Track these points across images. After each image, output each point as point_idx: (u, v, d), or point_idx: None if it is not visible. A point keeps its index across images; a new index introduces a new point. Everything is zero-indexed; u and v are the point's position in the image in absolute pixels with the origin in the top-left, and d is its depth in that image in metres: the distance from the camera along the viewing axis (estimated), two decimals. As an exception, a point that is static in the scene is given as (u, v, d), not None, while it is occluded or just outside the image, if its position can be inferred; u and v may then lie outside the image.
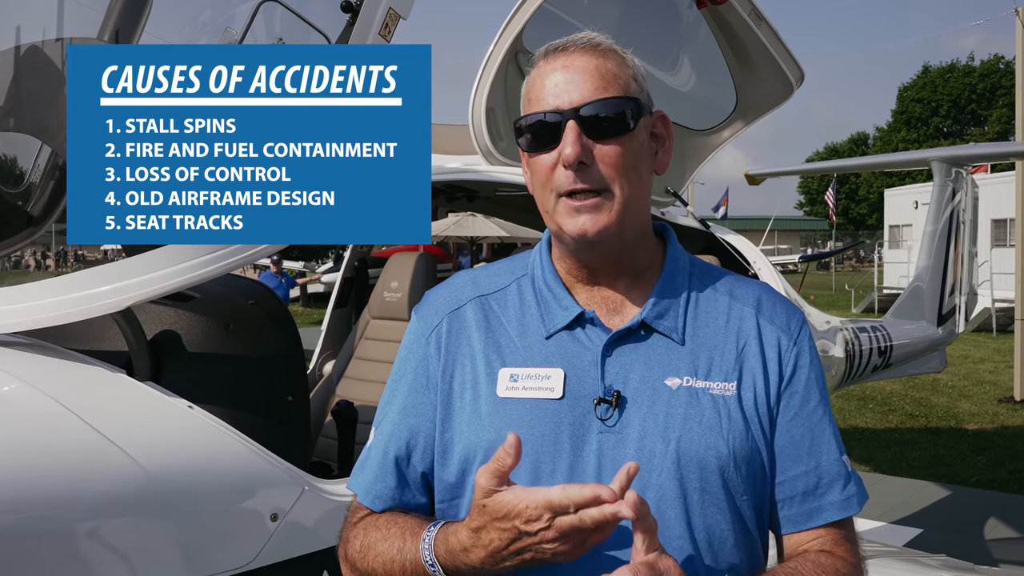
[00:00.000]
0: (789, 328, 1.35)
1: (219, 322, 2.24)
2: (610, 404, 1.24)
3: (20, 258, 5.21)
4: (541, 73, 1.30)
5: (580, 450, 1.24)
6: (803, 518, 1.30)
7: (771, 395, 1.30)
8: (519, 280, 1.40)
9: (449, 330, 1.36)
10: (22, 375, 1.93)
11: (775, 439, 1.30)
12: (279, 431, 2.16)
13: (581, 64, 1.27)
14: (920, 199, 20.50)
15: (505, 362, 1.30)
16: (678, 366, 1.27)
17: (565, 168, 1.24)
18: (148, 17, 2.40)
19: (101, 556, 1.75)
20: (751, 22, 3.57)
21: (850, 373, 5.29)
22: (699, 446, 1.23)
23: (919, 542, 5.37)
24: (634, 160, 1.28)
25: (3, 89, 2.53)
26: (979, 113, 55.45)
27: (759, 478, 1.29)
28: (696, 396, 1.26)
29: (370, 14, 2.07)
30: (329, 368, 3.89)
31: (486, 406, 1.29)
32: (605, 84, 1.26)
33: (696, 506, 1.22)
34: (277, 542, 1.95)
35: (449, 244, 22.33)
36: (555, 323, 1.31)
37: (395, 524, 1.30)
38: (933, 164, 7.53)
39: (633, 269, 1.35)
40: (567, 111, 1.25)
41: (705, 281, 1.38)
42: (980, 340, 16.21)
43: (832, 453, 1.32)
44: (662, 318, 1.30)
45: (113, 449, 1.78)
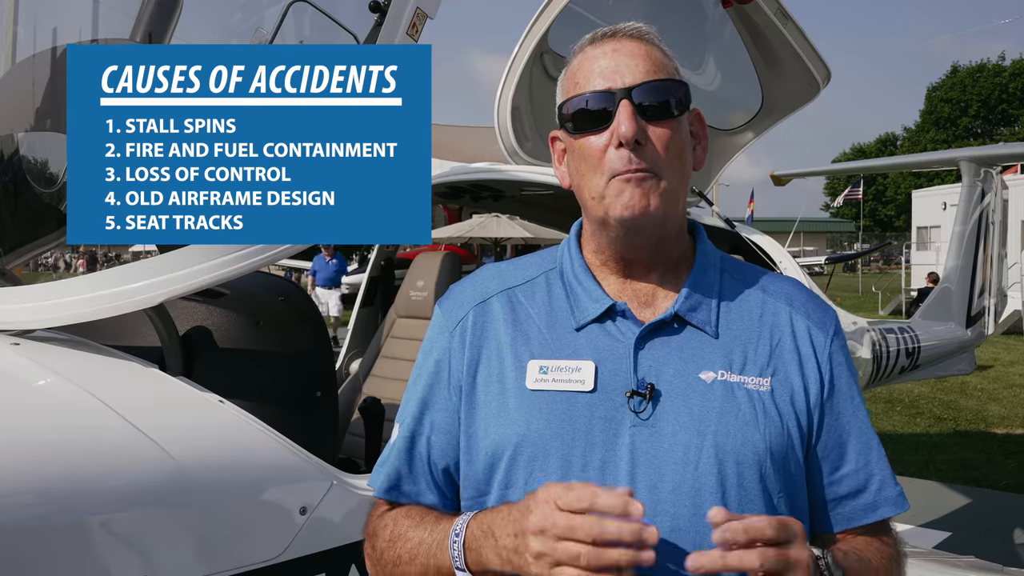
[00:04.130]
0: (824, 325, 1.33)
1: (249, 319, 2.26)
2: (643, 397, 1.21)
3: (55, 258, 5.27)
4: (589, 57, 1.29)
5: (613, 444, 1.20)
6: (859, 514, 1.29)
7: (810, 392, 1.27)
8: (547, 273, 1.37)
9: (475, 323, 1.34)
10: (58, 369, 1.97)
11: (823, 437, 1.28)
12: (308, 426, 2.18)
13: (631, 49, 1.27)
14: (948, 200, 20.27)
15: (534, 354, 1.27)
16: (712, 360, 1.25)
17: (618, 148, 1.22)
18: (179, 19, 2.44)
19: (134, 546, 1.78)
20: (777, 21, 3.56)
21: (877, 374, 5.24)
22: (736, 440, 1.20)
23: (947, 545, 5.30)
24: (681, 146, 1.27)
25: (38, 90, 2.58)
26: (1010, 113, 54.73)
27: (795, 475, 1.26)
28: (731, 390, 1.23)
29: (398, 14, 2.09)
30: (356, 366, 3.92)
31: (515, 399, 1.26)
32: (656, 68, 1.26)
33: (734, 502, 1.18)
34: (306, 535, 1.97)
35: (473, 246, 22.35)
36: (585, 315, 1.29)
37: (430, 513, 1.30)
38: (961, 164, 7.44)
39: (667, 262, 1.32)
40: (620, 91, 1.23)
41: (736, 276, 1.36)
42: (1010, 343, 15.97)
43: (880, 450, 1.32)
44: (695, 311, 1.28)
45: (146, 442, 1.80)
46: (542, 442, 1.22)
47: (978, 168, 7.30)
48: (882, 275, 35.92)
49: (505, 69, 3.17)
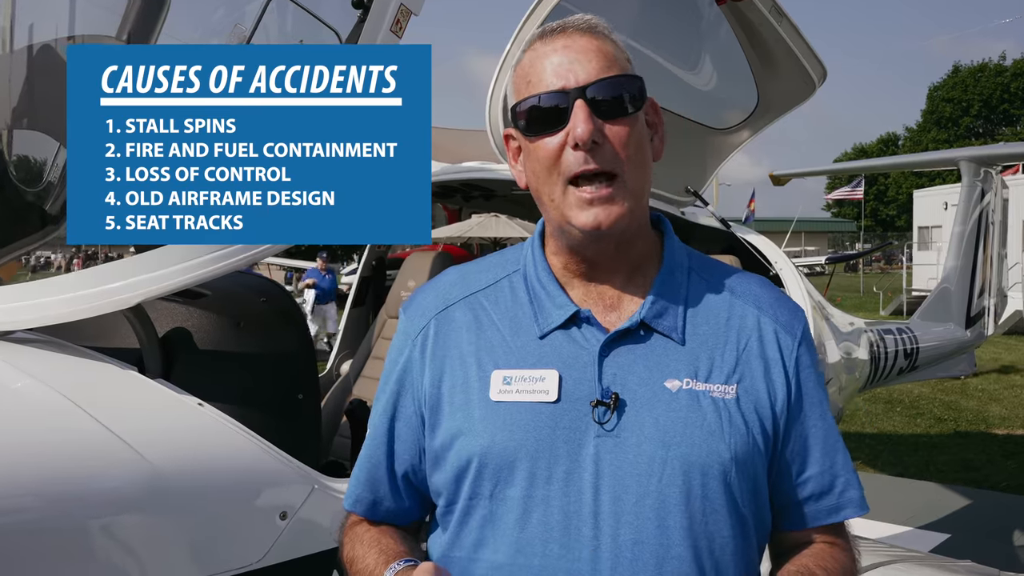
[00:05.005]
0: (792, 328, 1.32)
1: (230, 319, 2.23)
2: (608, 407, 1.20)
3: (38, 257, 5.27)
4: (539, 55, 1.26)
5: (577, 455, 1.19)
6: (823, 515, 1.31)
7: (776, 399, 1.26)
8: (511, 276, 1.35)
9: (436, 333, 1.32)
10: (33, 372, 1.94)
11: (789, 442, 1.28)
12: (290, 429, 2.15)
13: (582, 45, 1.23)
14: (950, 200, 20.21)
15: (498, 364, 1.26)
16: (678, 368, 1.23)
17: (575, 149, 1.20)
18: (166, 18, 2.41)
19: (110, 553, 1.75)
20: (772, 19, 3.52)
21: (875, 375, 5.22)
22: (701, 452, 1.19)
23: (946, 547, 5.27)
24: (640, 142, 1.25)
25: (20, 88, 2.55)
26: (1011, 113, 54.70)
27: (760, 481, 1.26)
28: (697, 399, 1.22)
29: (381, 10, 2.05)
30: (346, 367, 3.90)
31: (479, 410, 1.24)
32: (608, 64, 1.23)
33: (698, 513, 1.19)
34: (286, 540, 1.94)
35: (473, 245, 22.34)
36: (549, 322, 1.27)
37: (376, 545, 1.30)
38: (961, 164, 7.43)
39: (631, 263, 1.30)
40: (574, 90, 1.20)
41: (704, 277, 1.34)
42: (1011, 343, 15.95)
43: (845, 452, 1.32)
44: (661, 317, 1.26)
45: (123, 446, 1.78)
46: (506, 454, 1.21)
47: (978, 168, 7.28)
48: (883, 275, 35.89)
49: (496, 68, 3.13)
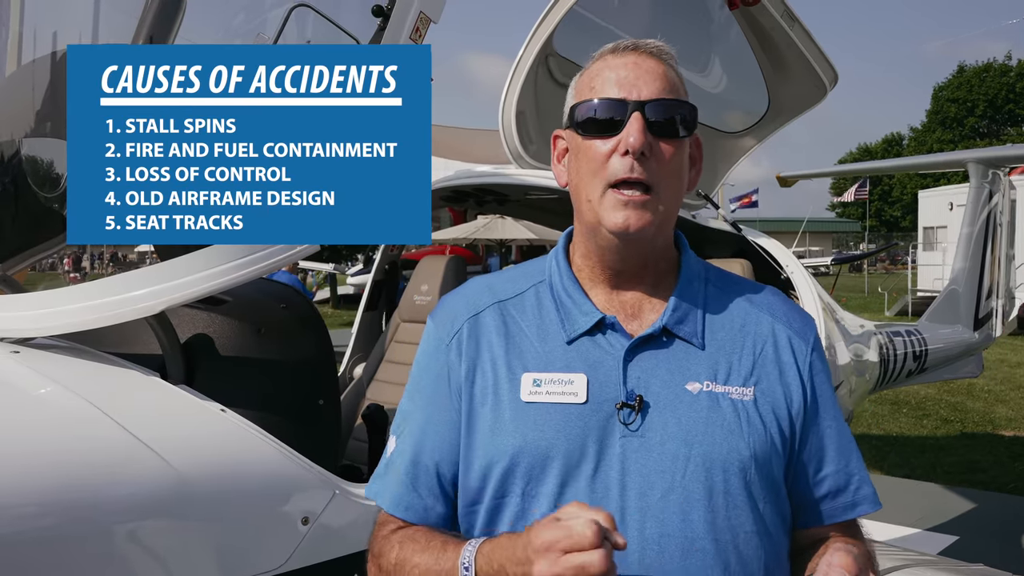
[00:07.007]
0: (805, 334, 1.39)
1: (251, 326, 2.25)
2: (633, 408, 1.26)
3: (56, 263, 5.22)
4: (608, 65, 1.33)
5: (604, 454, 1.25)
6: (839, 511, 1.37)
7: (792, 401, 1.33)
8: (536, 286, 1.40)
9: (469, 335, 1.36)
10: (58, 378, 1.96)
11: (807, 444, 1.35)
12: (310, 435, 2.17)
13: (650, 65, 1.31)
14: (955, 200, 20.19)
15: (527, 367, 1.31)
16: (698, 371, 1.30)
17: (623, 156, 1.26)
18: (182, 22, 2.42)
19: (134, 558, 1.77)
20: (784, 23, 3.53)
21: (885, 378, 5.21)
22: (722, 449, 1.25)
23: (955, 550, 5.27)
24: (681, 166, 1.33)
25: (39, 94, 2.57)
26: (1016, 113, 54.47)
27: (778, 480, 1.32)
28: (716, 400, 1.28)
29: (401, 18, 2.07)
30: (359, 371, 3.91)
31: (509, 411, 1.29)
32: (669, 88, 1.31)
33: (720, 508, 1.24)
34: (308, 545, 1.96)
35: (478, 246, 22.34)
36: (576, 328, 1.32)
37: (436, 536, 1.29)
38: (969, 166, 7.42)
39: (653, 274, 1.37)
40: (634, 102, 1.28)
41: (720, 286, 1.41)
42: (1018, 344, 15.91)
43: (857, 452, 1.39)
44: (682, 323, 1.33)
45: (146, 451, 1.79)
46: (539, 452, 1.26)
47: (986, 170, 7.27)
48: (888, 276, 35.83)
49: (510, 72, 3.14)
